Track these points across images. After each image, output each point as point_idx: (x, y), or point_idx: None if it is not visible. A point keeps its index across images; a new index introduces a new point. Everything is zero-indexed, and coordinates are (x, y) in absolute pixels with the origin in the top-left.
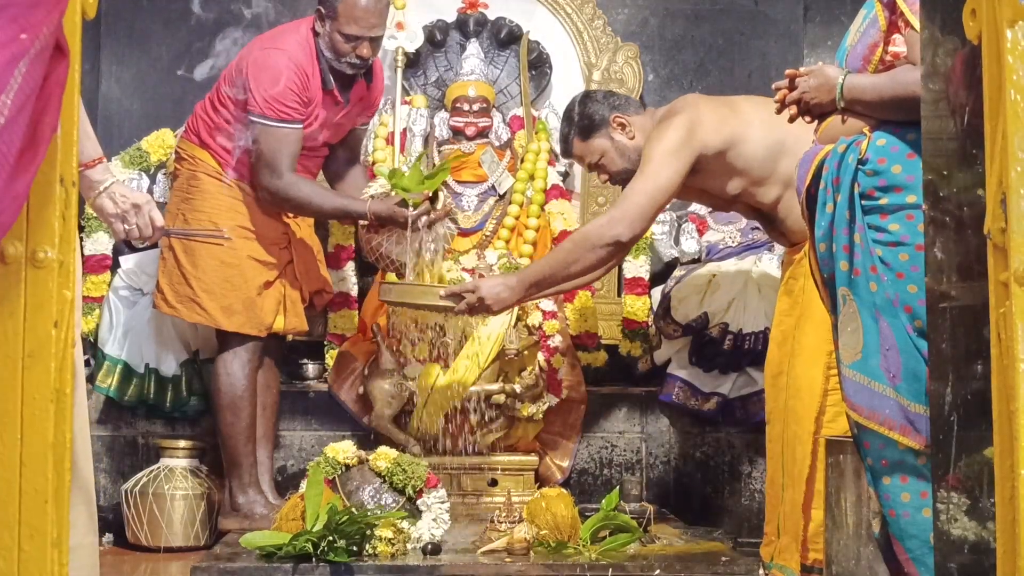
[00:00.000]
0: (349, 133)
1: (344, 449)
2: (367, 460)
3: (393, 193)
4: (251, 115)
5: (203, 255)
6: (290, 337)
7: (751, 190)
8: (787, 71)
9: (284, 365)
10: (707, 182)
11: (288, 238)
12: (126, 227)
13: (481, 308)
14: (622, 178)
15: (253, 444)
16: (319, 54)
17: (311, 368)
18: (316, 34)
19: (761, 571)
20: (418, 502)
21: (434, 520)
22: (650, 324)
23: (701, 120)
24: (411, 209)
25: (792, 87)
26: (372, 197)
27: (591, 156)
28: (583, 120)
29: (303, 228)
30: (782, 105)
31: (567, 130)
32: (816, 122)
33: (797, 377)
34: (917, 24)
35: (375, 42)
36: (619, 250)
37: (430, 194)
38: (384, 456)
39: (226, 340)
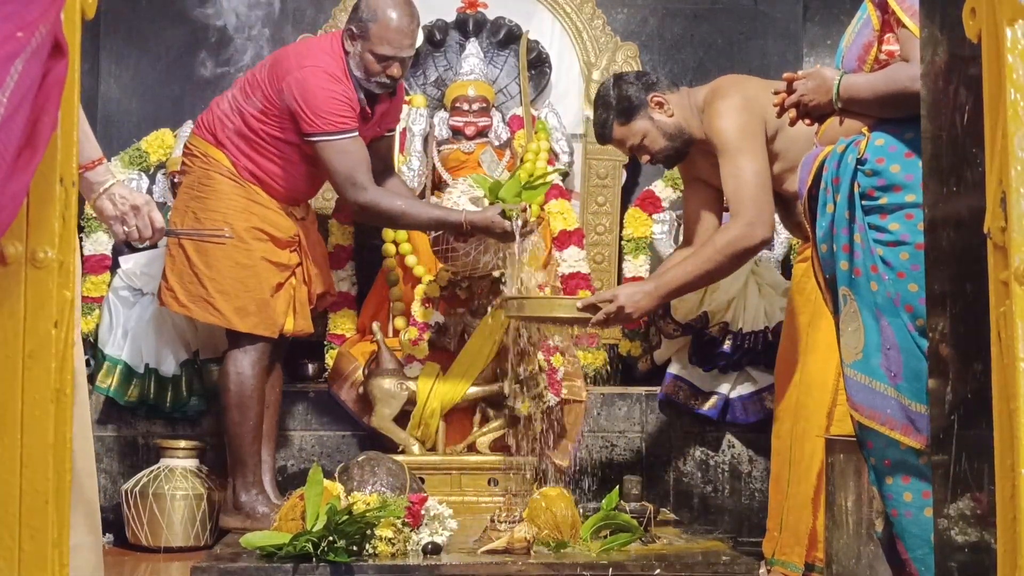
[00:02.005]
0: (376, 141)
1: (331, 487)
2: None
3: (487, 203)
4: (309, 137)
5: (217, 256)
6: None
7: (783, 176)
8: (785, 75)
9: (284, 365)
10: None
11: (299, 240)
12: (126, 229)
13: (620, 317)
14: (663, 156)
15: (259, 443)
16: (350, 72)
17: (311, 368)
18: (346, 52)
19: (762, 568)
20: (422, 525)
21: (439, 525)
22: (650, 323)
23: (756, 97)
24: (513, 221)
25: (791, 90)
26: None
27: (633, 139)
28: (622, 103)
29: (312, 230)
30: (782, 109)
31: (605, 115)
32: (816, 124)
33: (809, 374)
34: (908, 22)
35: (405, 62)
36: (761, 249)
37: (527, 205)
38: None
39: (236, 338)
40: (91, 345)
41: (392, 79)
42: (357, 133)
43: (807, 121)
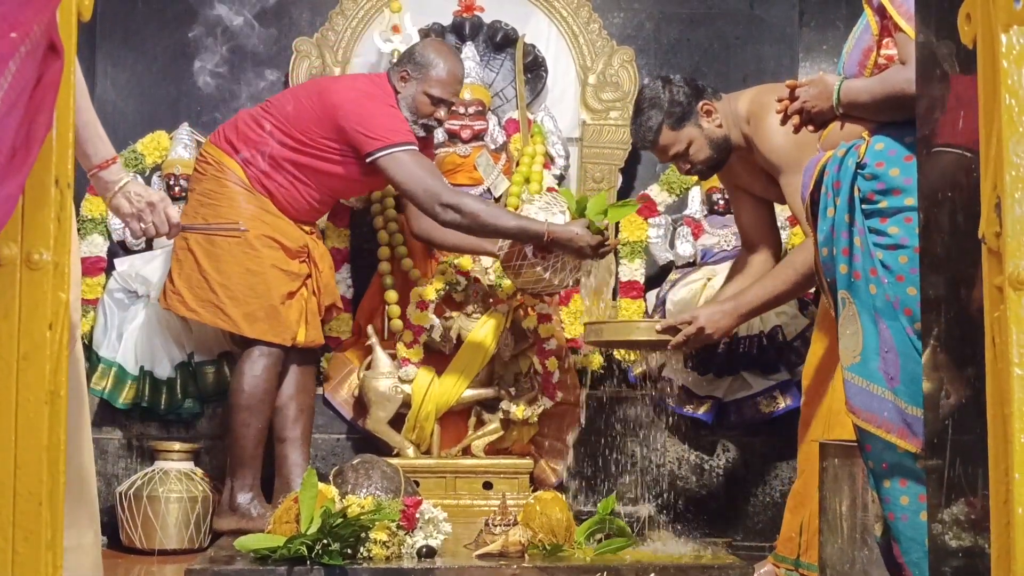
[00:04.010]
0: None
1: (325, 490)
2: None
3: (568, 218)
4: (372, 156)
5: (228, 261)
6: None
7: None
8: (787, 82)
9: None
10: None
11: (308, 251)
12: (142, 225)
13: (700, 338)
14: (706, 167)
15: (262, 447)
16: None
17: None
18: (396, 92)
19: (759, 572)
20: (417, 529)
21: (433, 528)
22: None
23: None
24: (603, 233)
25: (793, 98)
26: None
27: (679, 145)
28: (675, 107)
29: (319, 243)
30: (785, 116)
31: (657, 118)
32: (820, 131)
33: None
34: (904, 25)
35: (451, 107)
36: None
37: (608, 224)
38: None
39: (253, 340)
40: (86, 347)
41: (438, 122)
42: (418, 148)
43: (810, 128)
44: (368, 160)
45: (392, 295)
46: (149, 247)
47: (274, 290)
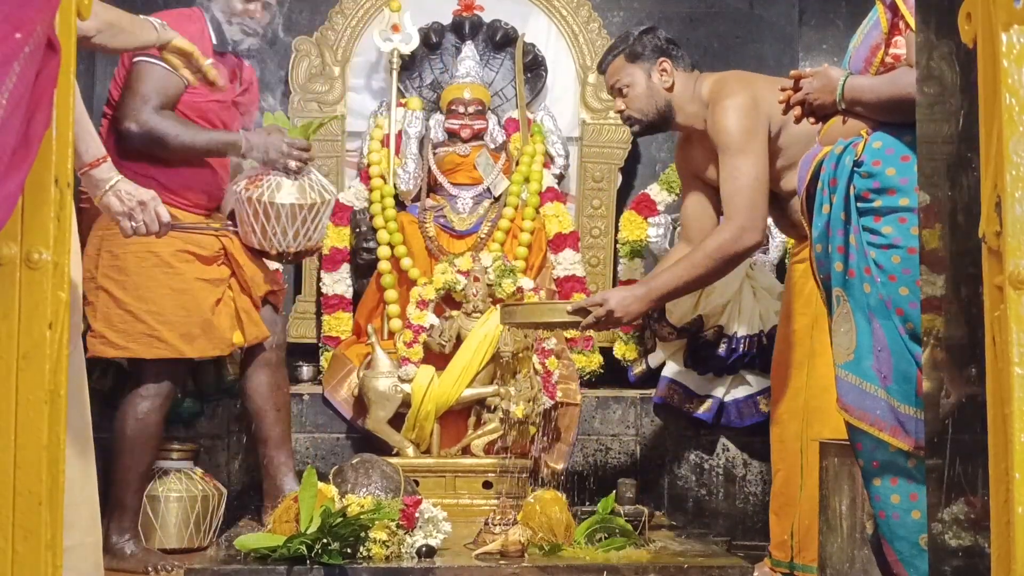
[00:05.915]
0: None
1: (325, 489)
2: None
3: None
4: (136, 58)
5: (150, 287)
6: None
7: (782, 172)
8: (792, 72)
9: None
10: None
11: (224, 252)
12: (133, 224)
13: (610, 321)
14: (636, 119)
15: (143, 488)
16: (212, 19)
17: (305, 371)
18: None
19: (757, 572)
20: (416, 528)
21: (433, 528)
22: (645, 327)
23: (764, 97)
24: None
25: (797, 88)
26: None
27: (622, 78)
28: (637, 46)
29: (234, 238)
30: (787, 106)
31: (619, 47)
32: (820, 123)
33: (821, 376)
34: (915, 25)
35: (268, 9)
36: (751, 254)
37: (305, 141)
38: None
39: (138, 379)
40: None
41: (254, 23)
42: (182, 83)
43: (811, 120)
44: (132, 60)
45: (392, 295)
46: None
47: (203, 302)
